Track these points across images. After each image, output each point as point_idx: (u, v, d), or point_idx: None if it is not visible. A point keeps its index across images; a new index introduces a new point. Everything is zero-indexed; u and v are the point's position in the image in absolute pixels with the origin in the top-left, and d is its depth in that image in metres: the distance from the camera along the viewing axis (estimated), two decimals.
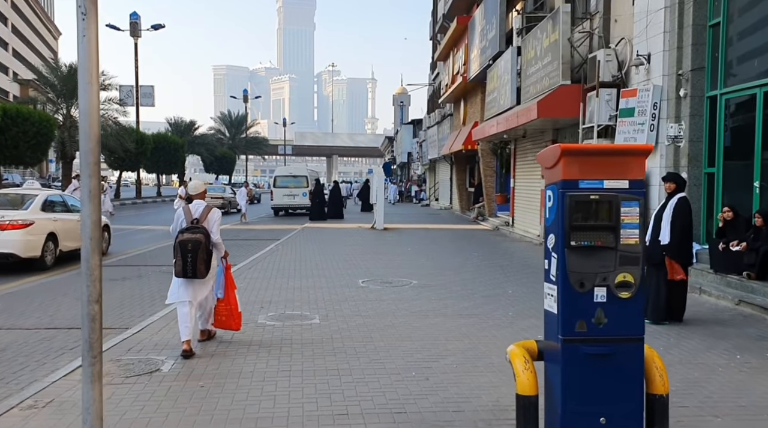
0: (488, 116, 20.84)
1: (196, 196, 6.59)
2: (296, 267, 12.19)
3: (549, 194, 3.66)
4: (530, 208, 18.99)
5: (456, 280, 10.79)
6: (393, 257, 13.82)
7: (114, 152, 38.90)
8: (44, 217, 12.28)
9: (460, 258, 13.86)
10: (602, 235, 3.50)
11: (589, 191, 3.50)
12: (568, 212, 3.47)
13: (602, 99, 12.72)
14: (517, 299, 9.02)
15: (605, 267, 3.50)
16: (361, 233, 20.27)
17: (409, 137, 53.07)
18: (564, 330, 3.51)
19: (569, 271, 3.49)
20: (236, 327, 6.65)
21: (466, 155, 29.83)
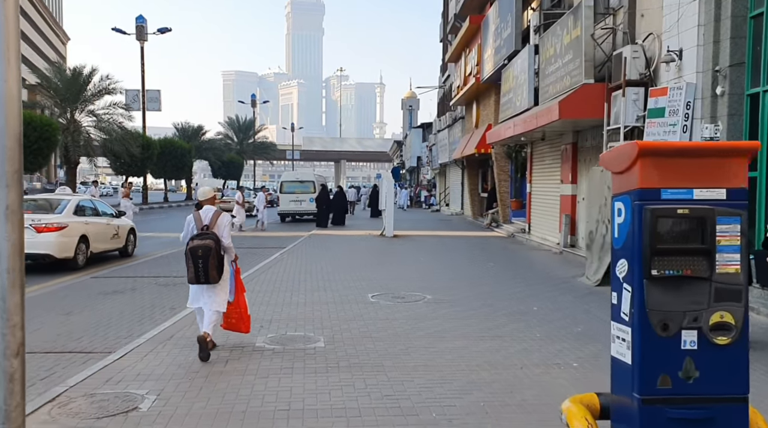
0: (503, 118, 19.98)
1: (205, 202, 6.58)
2: (301, 279, 11.37)
3: (619, 207, 2.85)
4: (548, 214, 18.11)
5: (474, 294, 9.93)
6: (404, 268, 12.98)
7: (119, 156, 38.27)
8: (76, 220, 13.11)
9: (476, 269, 13.01)
10: (692, 261, 2.67)
11: (675, 204, 2.67)
12: (648, 231, 2.66)
13: (629, 98, 11.85)
14: (544, 318, 8.15)
15: (696, 304, 2.66)
16: (370, 240, 19.44)
17: (419, 141, 52.20)
18: (641, 387, 2.67)
19: (649, 309, 2.67)
20: (245, 330, 6.70)
21: (479, 159, 28.98)
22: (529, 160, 20.12)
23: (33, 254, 12.08)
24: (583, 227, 15.36)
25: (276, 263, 13.63)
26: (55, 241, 12.39)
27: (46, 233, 12.31)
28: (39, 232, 12.24)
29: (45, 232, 12.30)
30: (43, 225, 12.34)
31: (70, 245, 12.70)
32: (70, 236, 12.75)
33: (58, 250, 12.46)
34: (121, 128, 37.42)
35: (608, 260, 10.70)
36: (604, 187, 11.12)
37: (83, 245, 13.15)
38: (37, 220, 12.41)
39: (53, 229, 12.41)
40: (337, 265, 13.41)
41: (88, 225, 13.45)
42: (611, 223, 2.93)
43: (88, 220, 13.58)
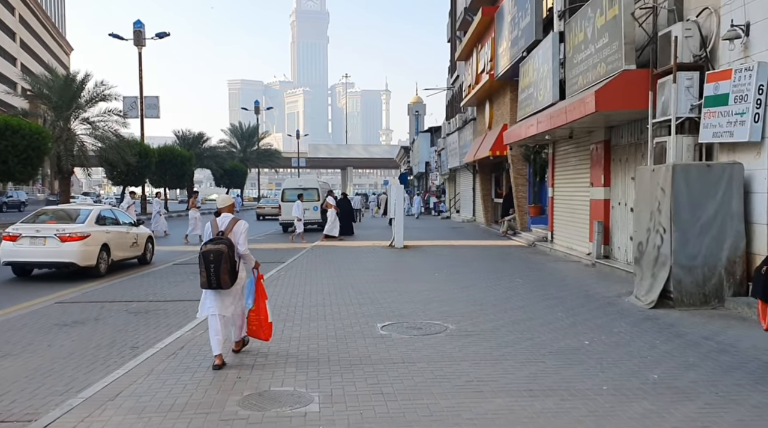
0: (522, 116, 18.22)
1: (224, 209, 6.57)
2: (297, 304, 9.61)
3: None
4: (574, 221, 16.30)
5: (506, 322, 8.15)
6: (418, 287, 11.21)
7: (115, 165, 36.69)
8: (98, 229, 13.52)
9: (501, 286, 11.21)
10: None
11: None
12: None
13: (681, 85, 10.06)
14: (602, 358, 6.35)
15: None
16: (378, 252, 17.67)
17: (427, 145, 50.42)
18: None
19: None
20: (265, 338, 6.63)
21: (493, 163, 27.22)
22: (551, 161, 18.33)
23: (57, 262, 12.83)
24: (618, 236, 13.55)
25: (271, 282, 11.87)
26: (79, 250, 12.75)
27: (70, 242, 12.67)
28: (63, 241, 12.63)
29: (69, 241, 12.67)
30: (66, 234, 12.69)
31: (92, 254, 13.08)
32: (93, 245, 13.12)
33: (82, 258, 12.83)
34: (116, 136, 35.85)
35: (664, 276, 8.92)
36: (656, 189, 9.34)
37: (104, 254, 13.56)
38: (61, 230, 12.77)
39: (76, 238, 12.76)
40: (341, 284, 11.65)
41: (109, 234, 13.84)
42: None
43: (108, 229, 13.96)
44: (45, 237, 12.75)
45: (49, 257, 12.79)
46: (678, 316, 8.42)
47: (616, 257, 13.65)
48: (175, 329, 8.17)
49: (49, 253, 12.73)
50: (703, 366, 6.03)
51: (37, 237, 12.76)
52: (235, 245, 6.31)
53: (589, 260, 14.39)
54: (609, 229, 14.00)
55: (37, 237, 12.76)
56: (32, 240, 12.75)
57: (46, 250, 12.72)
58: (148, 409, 5.00)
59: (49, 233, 12.75)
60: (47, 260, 12.89)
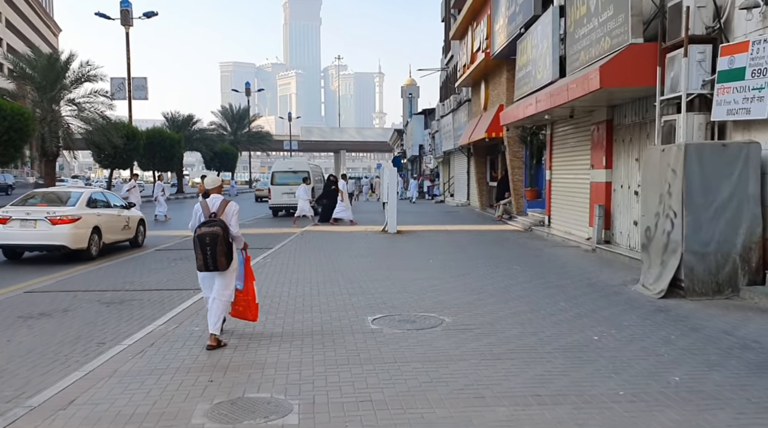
0: (519, 96, 17.54)
1: (213, 190, 6.47)
2: (283, 294, 8.99)
3: None
4: (573, 205, 15.70)
5: (506, 314, 7.55)
6: (412, 275, 10.59)
7: (102, 148, 35.81)
8: (89, 212, 13.39)
9: (498, 274, 10.61)
10: None
11: None
12: None
13: (692, 59, 9.41)
14: (615, 357, 5.76)
15: None
16: (370, 238, 17.03)
17: (420, 128, 49.62)
18: None
19: None
20: (253, 318, 6.66)
21: (488, 145, 26.55)
22: (549, 143, 17.69)
23: (48, 245, 12.71)
24: (620, 220, 12.96)
25: (257, 270, 11.17)
26: (70, 232, 12.62)
27: (61, 225, 12.53)
28: (54, 224, 12.48)
29: (60, 224, 12.52)
30: (57, 217, 12.55)
31: (83, 237, 12.94)
32: (84, 228, 12.98)
33: (73, 241, 12.70)
34: (103, 118, 34.93)
35: (675, 263, 8.34)
36: (666, 171, 8.72)
37: (96, 236, 13.45)
38: (52, 212, 12.64)
39: (67, 221, 12.62)
40: (331, 272, 11.02)
41: (100, 217, 13.71)
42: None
43: (100, 212, 13.83)
44: (35, 220, 12.61)
45: (40, 240, 12.69)
46: (691, 307, 7.83)
47: (618, 242, 13.07)
48: (148, 322, 7.53)
49: (39, 236, 12.62)
50: (727, 366, 5.44)
51: (27, 220, 12.60)
52: (229, 226, 6.25)
53: (589, 245, 13.81)
54: (610, 213, 13.40)
55: (28, 220, 12.60)
56: (22, 223, 12.58)
57: (37, 233, 12.60)
58: (103, 421, 4.37)
59: (40, 216, 12.61)
60: (38, 243, 12.78)
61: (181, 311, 7.98)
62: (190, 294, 9.27)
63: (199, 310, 7.87)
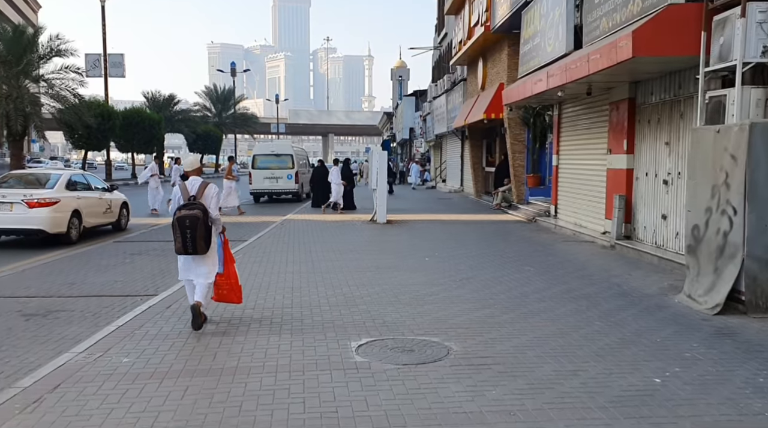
0: (524, 72, 15.80)
1: (191, 172, 6.40)
2: (247, 306, 7.27)
3: None
4: (584, 194, 14.07)
5: (530, 338, 5.89)
6: (406, 278, 8.90)
7: (74, 128, 33.74)
8: (69, 195, 12.90)
9: (509, 277, 8.94)
10: None
11: None
12: None
13: (751, 20, 7.71)
14: (696, 417, 4.10)
15: None
16: (357, 229, 15.31)
17: (411, 110, 47.74)
18: None
19: None
20: (237, 300, 6.66)
21: (484, 128, 24.85)
22: (556, 125, 16.00)
23: (25, 229, 12.20)
24: (644, 213, 11.33)
25: None
26: (48, 216, 12.16)
27: (38, 208, 12.05)
28: (31, 207, 12.02)
29: (37, 207, 12.05)
30: (35, 200, 12.07)
31: (62, 220, 12.47)
32: (63, 211, 12.52)
33: (51, 225, 12.25)
34: (74, 95, 32.85)
35: (733, 272, 6.70)
36: (722, 157, 7.05)
37: (76, 220, 12.96)
38: (29, 195, 12.19)
39: (45, 204, 12.14)
40: (310, 274, 9.31)
41: (80, 200, 13.22)
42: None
43: (80, 195, 13.34)
44: (11, 203, 12.07)
45: (16, 223, 12.12)
46: (759, 328, 6.20)
47: (641, 238, 11.44)
48: (68, 345, 5.83)
49: (15, 219, 12.06)
50: None
51: (3, 203, 12.06)
52: (208, 209, 6.15)
53: (606, 240, 12.18)
54: (631, 204, 11.76)
55: (3, 203, 12.06)
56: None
57: (13, 216, 12.05)
58: None
59: (16, 199, 12.10)
60: (14, 226, 12.21)
61: (116, 329, 6.27)
62: (136, 303, 7.59)
63: (142, 325, 6.20)
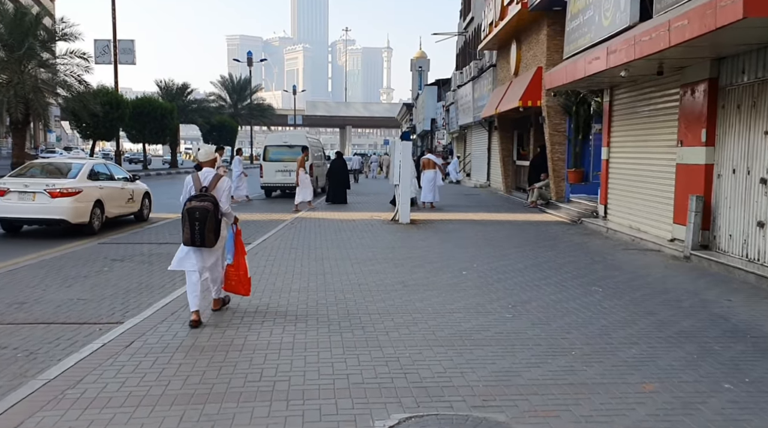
0: (572, 52, 13.73)
1: (206, 163, 6.26)
2: (234, 347, 5.37)
3: None
4: (643, 193, 12.04)
5: (642, 416, 3.93)
6: (442, 302, 6.96)
7: (79, 116, 32.14)
8: (91, 185, 12.69)
9: (578, 304, 6.95)
10: None
11: None
12: None
13: None
14: None
15: None
16: (377, 230, 13.37)
17: (433, 100, 45.58)
18: None
19: None
20: (245, 293, 6.47)
21: (515, 118, 22.77)
22: (607, 113, 13.93)
23: (47, 219, 12.06)
24: (729, 218, 9.29)
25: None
26: (70, 206, 11.99)
27: (61, 198, 11.90)
28: (53, 197, 11.87)
29: (59, 197, 11.89)
30: (57, 190, 11.91)
31: (85, 210, 12.32)
32: (85, 201, 12.36)
33: (73, 215, 12.07)
34: (80, 82, 31.20)
35: None
36: None
37: (98, 210, 12.79)
38: (51, 185, 12.01)
39: (68, 194, 11.98)
40: (320, 293, 7.40)
41: (102, 190, 13.03)
42: None
43: (102, 184, 13.14)
44: (34, 192, 11.92)
45: (39, 213, 11.98)
46: None
47: (724, 248, 9.38)
48: None
49: (38, 209, 11.93)
50: None
51: (25, 192, 11.91)
52: (219, 203, 5.98)
53: (675, 249, 10.15)
54: (711, 207, 9.71)
55: (26, 192, 11.92)
56: (21, 195, 11.92)
57: (36, 206, 11.92)
58: None
59: (39, 188, 11.93)
60: (36, 216, 12.07)
61: (43, 385, 4.42)
62: (91, 336, 5.82)
63: (81, 379, 4.35)
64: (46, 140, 78.26)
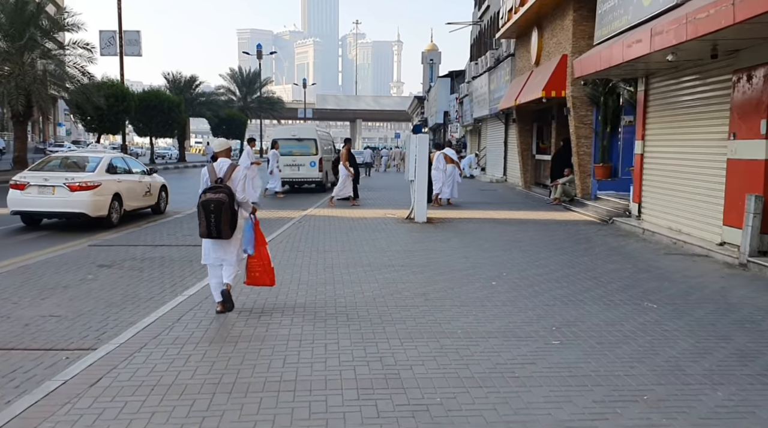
0: (605, 36, 12.58)
1: (221, 154, 6.24)
2: (224, 381, 4.35)
3: None
4: (686, 191, 10.93)
5: None
6: (473, 322, 5.91)
7: (82, 109, 31.24)
8: (109, 178, 12.77)
9: (634, 325, 5.87)
10: None
11: None
12: None
13: None
14: None
15: None
16: (391, 230, 12.32)
17: (446, 93, 44.36)
18: None
19: None
20: (270, 283, 6.34)
21: (535, 110, 21.65)
22: (641, 103, 12.79)
23: (67, 212, 12.13)
24: None
25: (196, 303, 6.64)
26: (89, 199, 12.10)
27: (80, 192, 12.00)
28: (73, 191, 11.97)
29: (78, 190, 12.00)
30: (76, 184, 12.01)
31: (104, 204, 12.43)
32: (104, 195, 12.46)
33: (93, 208, 12.18)
34: (83, 73, 30.28)
35: None
36: None
37: (116, 203, 12.89)
38: (70, 178, 12.08)
39: (87, 187, 12.08)
40: (329, 306, 6.37)
41: (120, 183, 13.14)
42: None
43: (120, 178, 13.24)
44: (53, 186, 12.01)
45: (58, 207, 12.09)
46: None
47: None
48: None
49: (58, 203, 12.03)
50: None
51: (45, 186, 12.02)
52: (235, 193, 5.94)
53: (727, 255, 9.04)
54: None
55: (46, 186, 12.02)
56: (40, 189, 12.05)
57: (55, 200, 12.02)
58: None
59: (58, 182, 12.02)
60: (56, 210, 12.17)
61: None
62: (55, 368, 4.86)
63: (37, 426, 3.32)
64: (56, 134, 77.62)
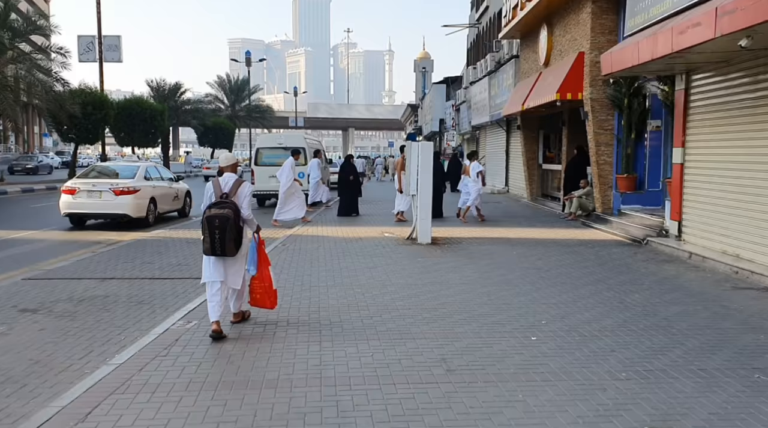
0: (641, 25, 10.76)
1: (227, 168, 6.11)
2: None
3: None
4: (746, 208, 9.09)
5: None
6: (518, 413, 4.01)
7: (56, 118, 29.29)
8: (146, 184, 14.65)
9: (743, 410, 3.98)
10: None
11: None
12: None
13: None
14: None
15: None
16: (391, 253, 10.40)
17: (442, 100, 42.55)
18: None
19: None
20: (271, 306, 6.18)
21: (541, 116, 19.87)
22: (681, 104, 10.96)
23: (112, 214, 14.02)
24: None
25: (128, 378, 4.72)
26: (132, 202, 13.87)
27: (123, 196, 13.75)
28: (117, 195, 13.71)
29: (122, 195, 13.74)
30: (120, 189, 13.73)
31: (143, 206, 14.21)
32: (143, 198, 14.22)
33: (134, 210, 13.97)
34: (57, 80, 28.39)
35: None
36: None
37: (152, 206, 14.65)
38: (115, 184, 13.87)
39: (129, 192, 13.83)
40: (312, 387, 4.45)
41: (155, 189, 14.94)
42: None
43: (154, 184, 15.02)
44: (101, 191, 13.76)
45: (105, 209, 13.88)
46: None
47: None
48: None
49: (104, 205, 13.82)
50: None
51: (93, 191, 13.77)
52: (240, 209, 5.80)
53: None
54: None
55: (94, 191, 13.77)
56: (89, 194, 13.80)
57: (102, 202, 13.79)
58: None
59: (105, 188, 13.74)
60: (103, 211, 14.02)
61: None
62: None
63: None
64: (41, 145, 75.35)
